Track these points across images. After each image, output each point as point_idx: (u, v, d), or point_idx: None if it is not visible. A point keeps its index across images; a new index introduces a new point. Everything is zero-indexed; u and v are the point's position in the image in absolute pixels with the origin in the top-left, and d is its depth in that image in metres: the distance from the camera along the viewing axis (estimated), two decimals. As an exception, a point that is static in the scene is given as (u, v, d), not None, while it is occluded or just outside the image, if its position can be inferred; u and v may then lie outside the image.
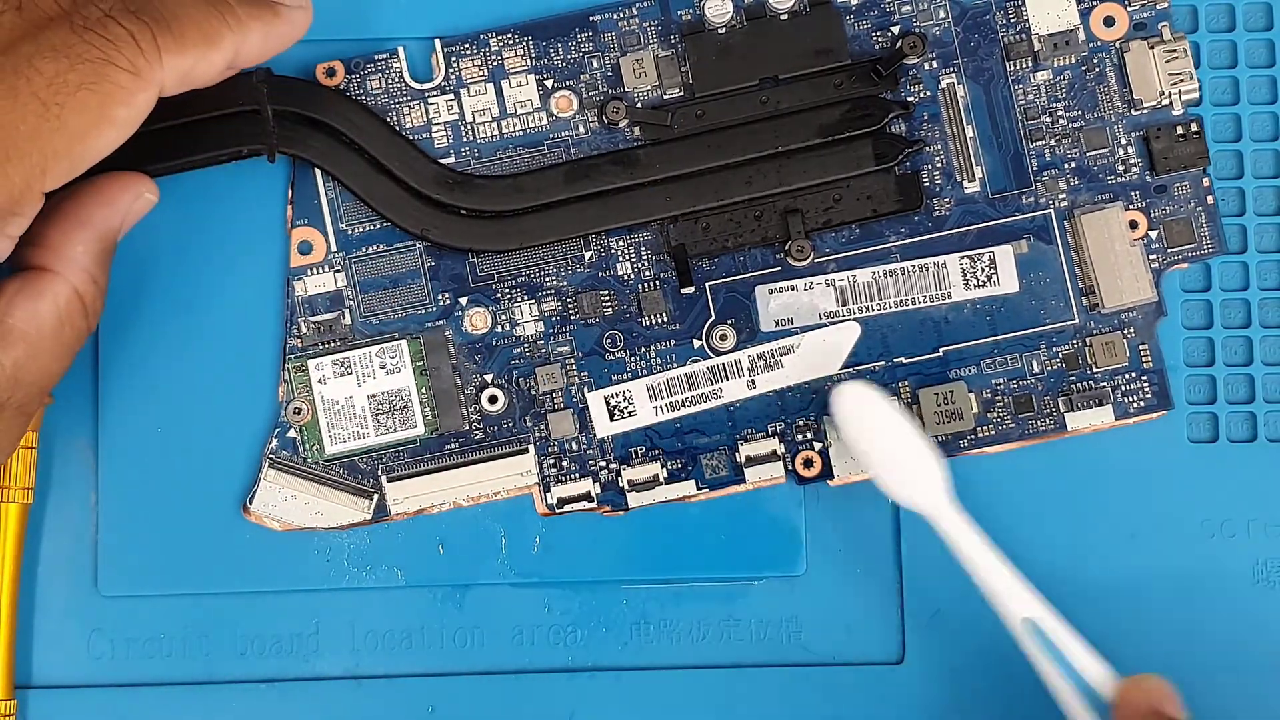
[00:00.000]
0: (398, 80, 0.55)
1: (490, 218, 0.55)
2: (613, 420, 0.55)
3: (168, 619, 0.55)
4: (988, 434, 0.55)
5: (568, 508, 0.55)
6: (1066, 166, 0.55)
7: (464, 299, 0.55)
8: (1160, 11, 0.55)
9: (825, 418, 0.54)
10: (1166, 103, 0.55)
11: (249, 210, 0.56)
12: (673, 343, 0.55)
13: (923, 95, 0.55)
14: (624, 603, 0.56)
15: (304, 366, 0.55)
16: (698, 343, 0.55)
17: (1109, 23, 0.55)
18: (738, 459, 0.55)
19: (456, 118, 0.55)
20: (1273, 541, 0.56)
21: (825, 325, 0.55)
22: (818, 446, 0.55)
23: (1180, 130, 0.55)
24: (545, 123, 0.55)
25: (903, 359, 0.55)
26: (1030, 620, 0.51)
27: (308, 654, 0.55)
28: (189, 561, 0.55)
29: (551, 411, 0.55)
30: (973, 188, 0.55)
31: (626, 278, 0.55)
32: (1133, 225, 0.55)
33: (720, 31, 0.55)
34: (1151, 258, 0.55)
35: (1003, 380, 0.55)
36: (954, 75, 0.55)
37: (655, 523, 0.55)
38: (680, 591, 0.56)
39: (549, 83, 0.55)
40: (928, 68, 0.55)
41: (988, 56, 0.55)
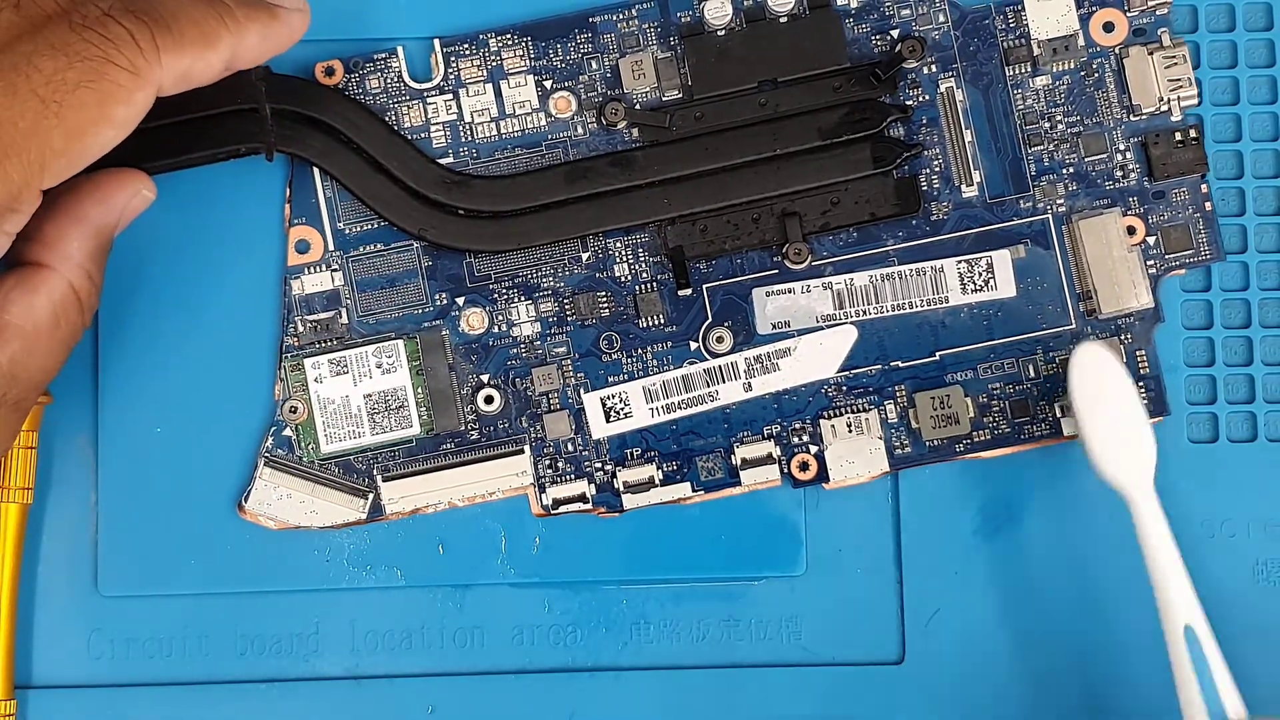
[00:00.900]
0: (397, 80, 0.55)
1: (488, 218, 0.55)
2: (609, 422, 0.55)
3: (168, 619, 0.55)
4: (983, 438, 0.55)
5: (563, 509, 0.55)
6: (1065, 171, 0.55)
7: (461, 299, 0.55)
8: (1160, 17, 0.55)
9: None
10: (1165, 108, 0.55)
11: (247, 209, 0.56)
12: (669, 344, 0.55)
13: (921, 99, 0.55)
14: (624, 603, 0.56)
15: (300, 365, 0.55)
16: (694, 345, 0.55)
17: (1108, 28, 0.55)
18: (733, 461, 0.55)
19: (455, 118, 0.55)
20: (1273, 541, 0.56)
21: (822, 328, 0.55)
22: (813, 450, 0.55)
23: (1179, 136, 0.55)
24: (544, 123, 0.56)
25: (899, 363, 0.55)
26: (1191, 629, 0.51)
27: (308, 654, 0.56)
28: (189, 561, 0.55)
29: (547, 412, 0.55)
30: (971, 192, 0.55)
31: (624, 279, 0.55)
32: (1130, 231, 0.55)
33: (719, 34, 0.55)
34: (1149, 264, 0.55)
35: (999, 385, 0.55)
36: (953, 79, 0.55)
37: (655, 522, 0.56)
38: (680, 591, 0.56)
39: (548, 83, 0.55)
40: (927, 72, 0.55)
41: (987, 61, 0.55)
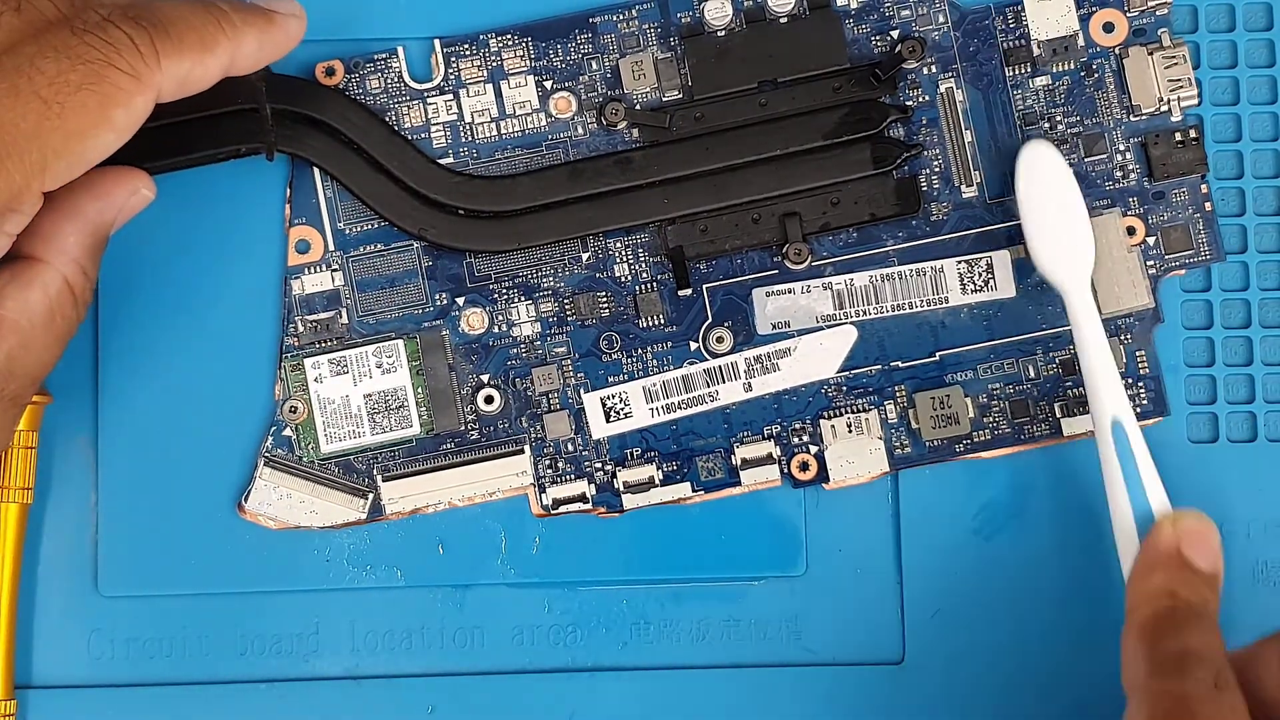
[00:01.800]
0: (397, 80, 0.56)
1: (488, 218, 0.55)
2: (609, 422, 0.55)
3: (168, 619, 0.56)
4: (983, 438, 0.55)
5: (563, 509, 0.55)
6: (1065, 172, 0.56)
7: (461, 299, 0.56)
8: (1160, 18, 0.56)
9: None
10: (1165, 109, 0.55)
11: (247, 209, 0.56)
12: (669, 345, 0.56)
13: (921, 100, 0.56)
14: (624, 603, 0.56)
15: (300, 365, 0.55)
16: (694, 345, 0.56)
17: (1108, 28, 0.56)
18: (733, 461, 0.55)
19: (455, 118, 0.56)
20: (1273, 541, 0.56)
21: (822, 328, 0.55)
22: (813, 450, 0.55)
23: (1179, 137, 0.55)
24: (544, 124, 0.56)
25: (899, 363, 0.55)
26: (1119, 422, 0.52)
27: (308, 654, 0.56)
28: (189, 561, 0.55)
29: (547, 412, 0.55)
30: (970, 192, 0.56)
31: (624, 279, 0.56)
32: (1130, 231, 0.55)
33: (719, 34, 0.55)
34: (1149, 264, 0.55)
35: (999, 385, 0.55)
36: (953, 80, 0.56)
37: (655, 523, 0.56)
38: (680, 591, 0.56)
39: (548, 84, 0.56)
40: (926, 72, 0.56)
41: (987, 61, 0.56)
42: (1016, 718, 0.56)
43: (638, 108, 0.56)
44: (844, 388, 0.56)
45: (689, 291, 0.55)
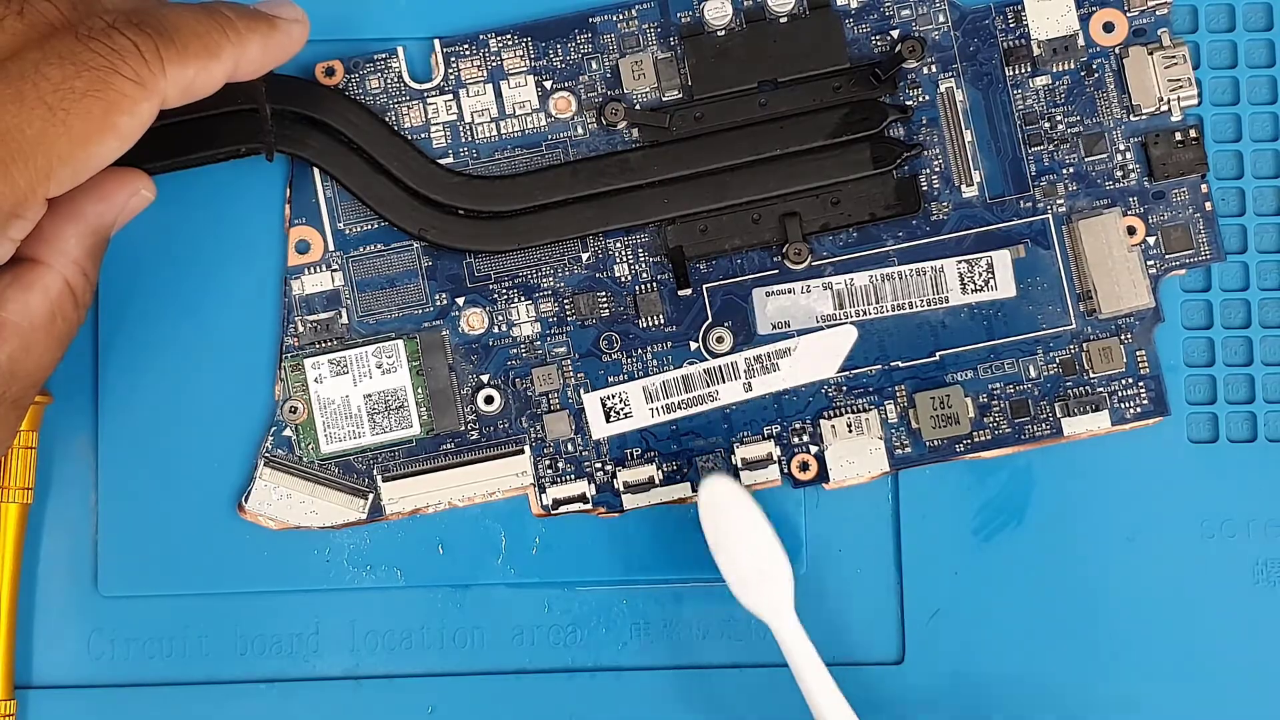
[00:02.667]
0: (397, 80, 0.56)
1: (488, 218, 0.55)
2: (609, 422, 0.56)
3: (168, 619, 0.56)
4: (984, 438, 0.55)
5: (563, 509, 0.56)
6: (1065, 172, 0.56)
7: (461, 299, 0.56)
8: (1160, 18, 0.56)
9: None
10: (1165, 109, 0.56)
11: (247, 209, 0.56)
12: (669, 345, 0.56)
13: (921, 99, 0.56)
14: (624, 603, 0.56)
15: (300, 365, 0.55)
16: (694, 345, 0.56)
17: (1108, 28, 0.56)
18: (733, 461, 0.55)
19: (455, 118, 0.56)
20: (1273, 541, 0.56)
21: (822, 328, 0.56)
22: (813, 450, 0.56)
23: (1179, 136, 0.55)
24: (544, 123, 0.56)
25: (899, 363, 0.56)
26: None
27: (308, 654, 0.56)
28: (189, 561, 0.56)
29: (547, 412, 0.56)
30: (971, 192, 0.56)
31: (624, 279, 0.56)
32: (1131, 231, 0.55)
33: (719, 34, 0.55)
34: (1149, 264, 0.56)
35: (999, 385, 0.56)
36: (953, 80, 0.56)
37: (655, 523, 0.56)
38: (680, 591, 0.56)
39: (548, 84, 0.56)
40: (926, 72, 0.56)
41: (987, 61, 0.56)
42: (1016, 718, 0.56)
43: (638, 108, 0.56)
44: (844, 388, 0.56)
45: (689, 291, 0.56)
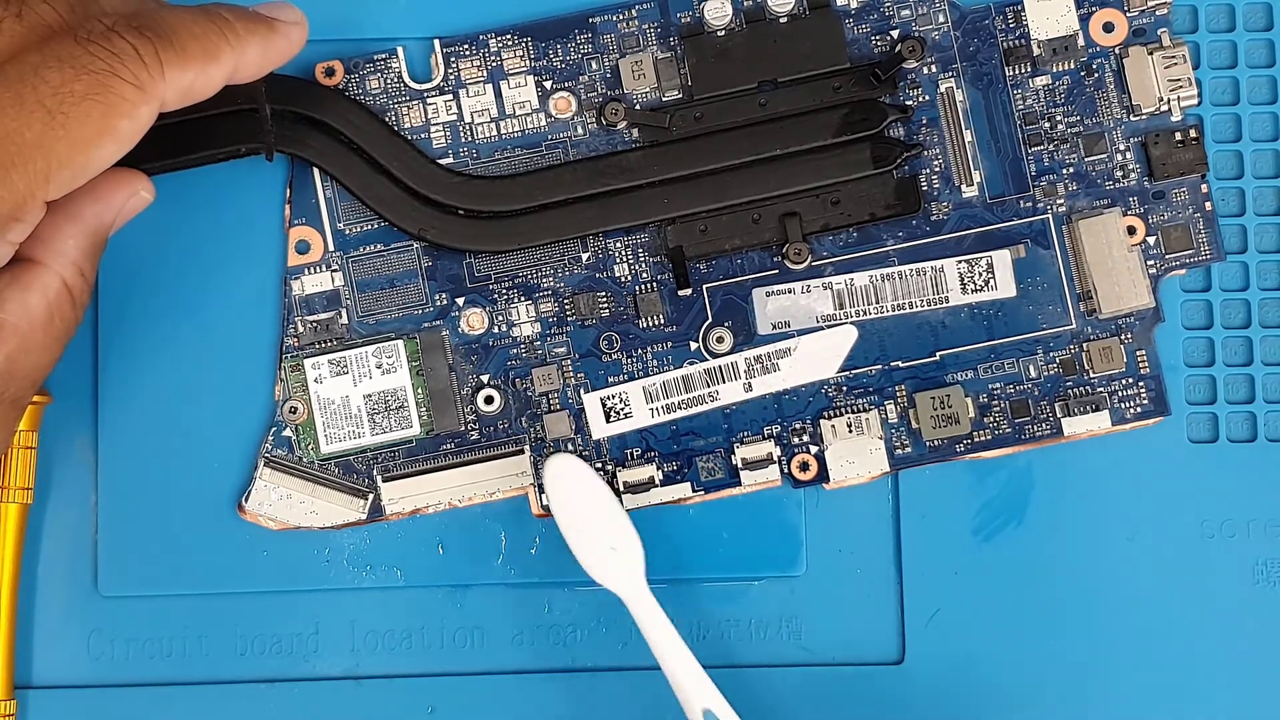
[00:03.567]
0: (397, 80, 0.56)
1: (488, 218, 0.55)
2: (609, 422, 0.56)
3: (168, 619, 0.56)
4: (984, 438, 0.56)
5: (564, 509, 0.56)
6: (1065, 172, 0.56)
7: (461, 299, 0.56)
8: (1160, 18, 0.56)
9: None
10: (1165, 109, 0.56)
11: (247, 209, 0.56)
12: (669, 345, 0.56)
13: (921, 99, 0.56)
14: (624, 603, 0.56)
15: (300, 366, 0.55)
16: (694, 345, 0.56)
17: (1108, 28, 0.56)
18: (733, 462, 0.55)
19: (455, 118, 0.56)
20: (1273, 541, 0.56)
21: (822, 328, 0.56)
22: (814, 450, 0.56)
23: (1179, 136, 0.56)
24: (544, 124, 0.56)
25: (899, 363, 0.56)
26: (710, 712, 0.52)
27: (308, 654, 0.56)
28: (189, 561, 0.56)
29: (547, 413, 0.56)
30: (971, 192, 0.56)
31: (624, 279, 0.56)
32: (1131, 231, 0.55)
33: (719, 34, 0.55)
34: (1150, 263, 0.56)
35: (999, 385, 0.56)
36: (953, 80, 0.56)
37: (654, 522, 0.56)
38: (680, 591, 0.56)
39: (548, 84, 0.56)
40: (926, 72, 0.56)
41: (987, 61, 0.56)
42: (1016, 718, 0.56)
43: (638, 108, 0.56)
44: (844, 388, 0.56)
45: (689, 291, 0.56)
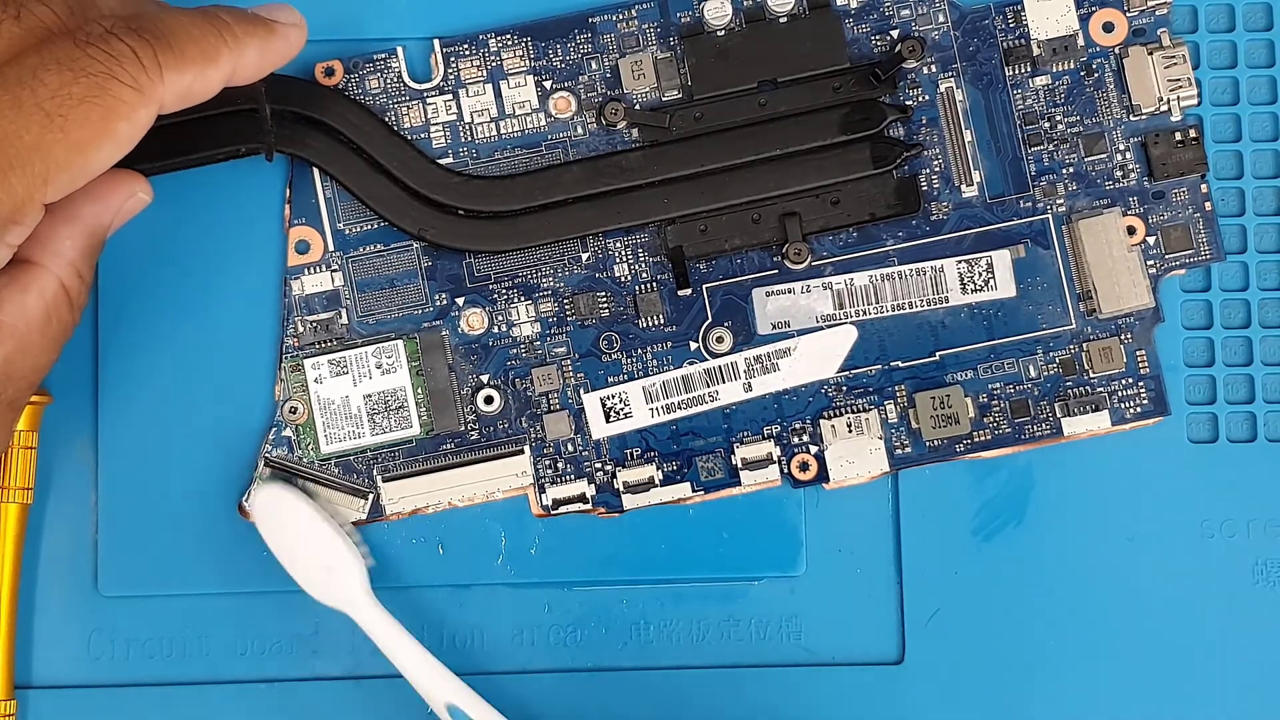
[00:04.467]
0: (396, 80, 0.56)
1: (488, 218, 0.55)
2: (609, 422, 0.56)
3: (168, 619, 0.56)
4: (984, 438, 0.56)
5: (563, 509, 0.55)
6: (1065, 172, 0.56)
7: (461, 299, 0.56)
8: (1160, 18, 0.56)
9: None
10: (1165, 109, 0.56)
11: (246, 209, 0.56)
12: (669, 345, 0.56)
13: (921, 99, 0.56)
14: (624, 603, 0.56)
15: (300, 366, 0.55)
16: (694, 345, 0.56)
17: (1108, 28, 0.56)
18: (733, 462, 0.55)
19: (455, 118, 0.56)
20: (1273, 541, 0.56)
21: (822, 328, 0.56)
22: (813, 450, 0.56)
23: (1179, 136, 0.55)
24: (544, 124, 0.56)
25: (899, 363, 0.56)
26: (454, 705, 0.53)
27: (308, 654, 0.56)
28: (189, 561, 0.56)
29: (547, 413, 0.56)
30: (971, 192, 0.56)
31: (624, 279, 0.56)
32: (1130, 231, 0.55)
33: (719, 34, 0.55)
34: (1149, 263, 0.56)
35: (999, 385, 0.56)
36: (953, 79, 0.56)
37: (654, 522, 0.56)
38: (680, 591, 0.56)
39: (548, 84, 0.56)
40: (926, 72, 0.56)
41: (986, 61, 0.56)
42: (1015, 718, 0.56)
43: (637, 108, 0.56)
44: (844, 388, 0.56)
45: (689, 291, 0.56)
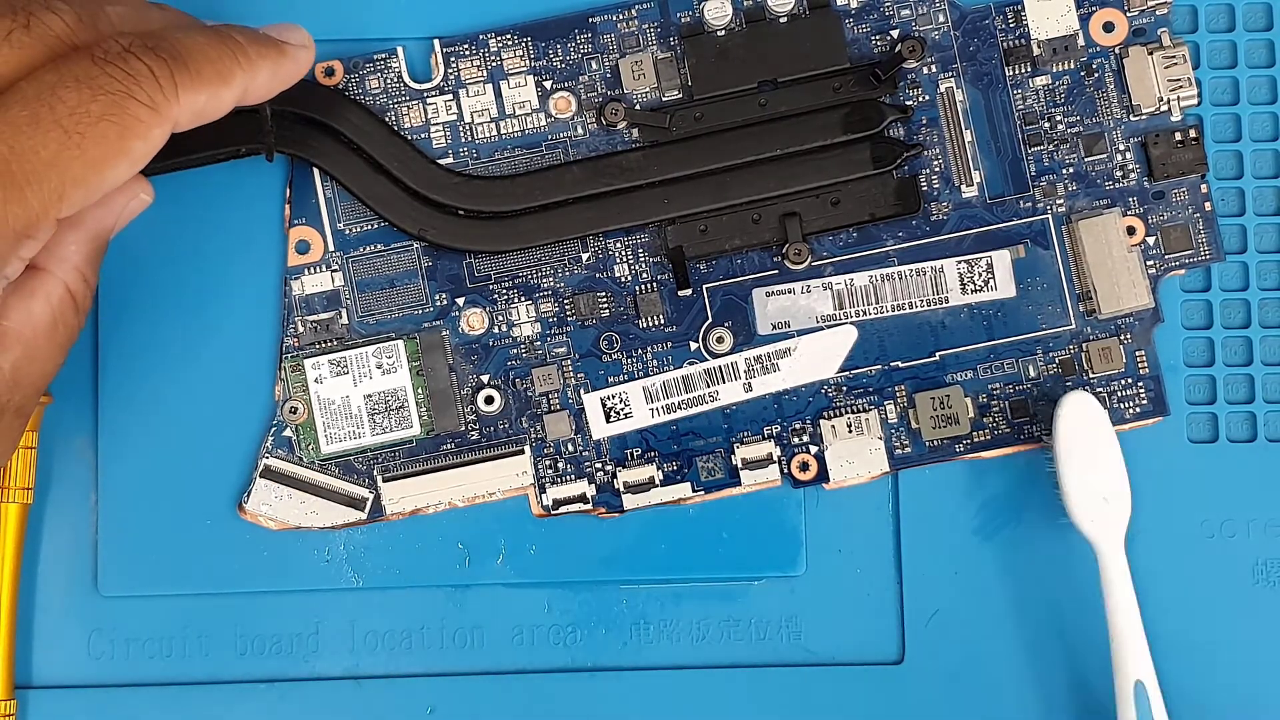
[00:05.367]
0: (396, 80, 0.56)
1: (488, 218, 0.55)
2: (609, 422, 0.56)
3: (168, 619, 0.56)
4: (983, 438, 0.56)
5: (563, 509, 0.55)
6: (1065, 172, 0.56)
7: (461, 299, 0.56)
8: (1160, 18, 0.56)
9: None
10: (1165, 109, 0.56)
11: (247, 209, 0.56)
12: (669, 345, 0.56)
13: (921, 99, 0.56)
14: (624, 603, 0.56)
15: (300, 366, 0.55)
16: (694, 345, 0.56)
17: (1108, 28, 0.56)
18: (733, 462, 0.55)
19: (455, 118, 0.56)
20: (1273, 541, 0.56)
21: (822, 328, 0.56)
22: (813, 450, 0.56)
23: (1179, 136, 0.55)
24: (544, 124, 0.56)
25: (899, 363, 0.56)
26: (1141, 684, 0.52)
27: (308, 654, 0.56)
28: (189, 561, 0.56)
29: (548, 413, 0.56)
30: (971, 192, 0.56)
31: (624, 279, 0.56)
32: (1130, 231, 0.55)
33: (719, 34, 0.55)
34: (1149, 264, 0.56)
35: (999, 385, 0.56)
36: (953, 80, 0.56)
37: (654, 522, 0.56)
38: (680, 591, 0.56)
39: (548, 84, 0.56)
40: (926, 72, 0.56)
41: (987, 61, 0.56)
42: (1015, 718, 0.56)
43: (638, 108, 0.56)
44: (844, 388, 0.56)
45: (689, 292, 0.56)
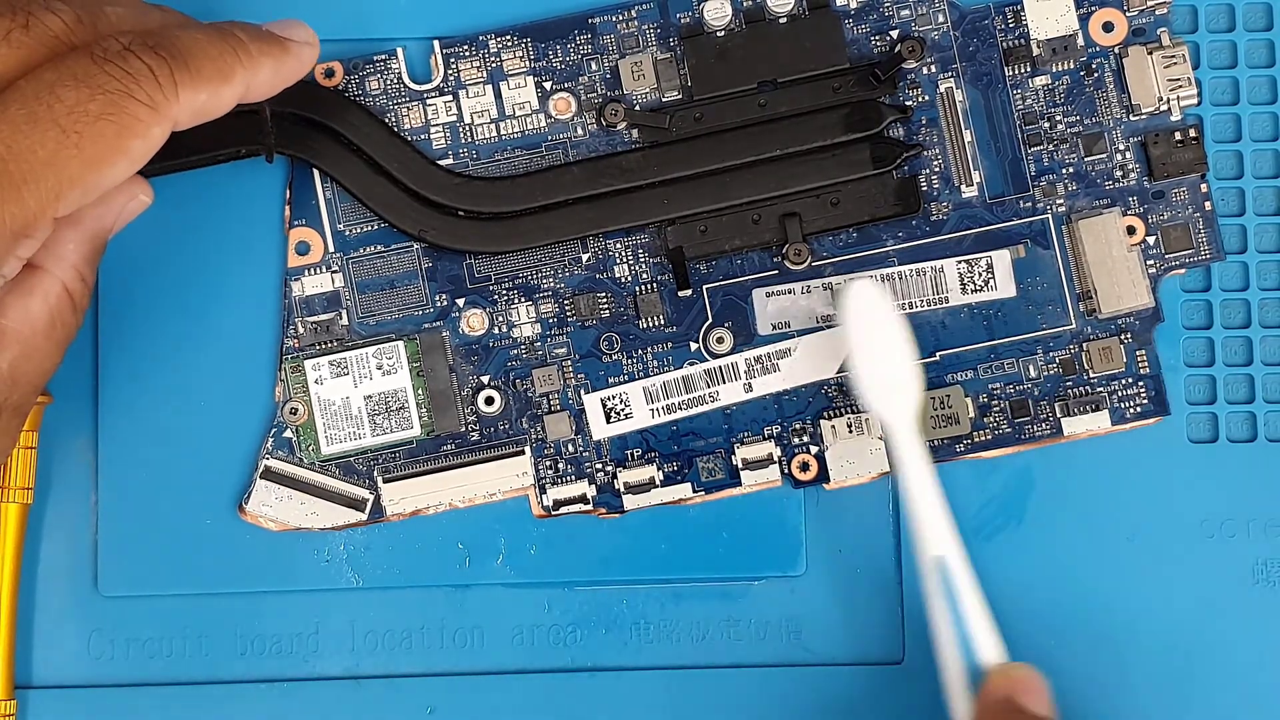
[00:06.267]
0: (396, 81, 0.56)
1: (488, 219, 0.55)
2: (609, 422, 0.55)
3: (168, 619, 0.56)
4: (984, 438, 0.56)
5: (563, 510, 0.55)
6: (1064, 171, 0.56)
7: (461, 300, 0.56)
8: (1159, 17, 0.56)
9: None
10: (1165, 108, 0.56)
11: (247, 210, 0.56)
12: (669, 345, 0.56)
13: (921, 99, 0.56)
14: (624, 603, 0.56)
15: (300, 367, 0.55)
16: (694, 345, 0.56)
17: (1108, 28, 0.56)
18: (734, 462, 0.55)
19: (455, 119, 0.56)
20: (1273, 541, 0.56)
21: (822, 329, 0.56)
22: (814, 450, 0.55)
23: (1179, 136, 0.55)
24: (544, 124, 0.56)
25: (899, 363, 0.56)
26: (941, 559, 0.52)
27: (308, 654, 0.56)
28: (189, 561, 0.56)
29: (548, 413, 0.56)
30: (970, 192, 0.56)
31: (624, 280, 0.56)
32: (1130, 231, 0.55)
33: (719, 34, 0.55)
34: (1149, 263, 0.56)
35: (999, 385, 0.56)
36: (952, 80, 0.56)
37: (654, 522, 0.56)
38: (680, 592, 0.56)
39: (548, 84, 0.56)
40: (926, 72, 0.56)
41: (986, 61, 0.56)
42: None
43: (637, 108, 0.56)
44: (844, 388, 0.56)
45: (689, 292, 0.55)
